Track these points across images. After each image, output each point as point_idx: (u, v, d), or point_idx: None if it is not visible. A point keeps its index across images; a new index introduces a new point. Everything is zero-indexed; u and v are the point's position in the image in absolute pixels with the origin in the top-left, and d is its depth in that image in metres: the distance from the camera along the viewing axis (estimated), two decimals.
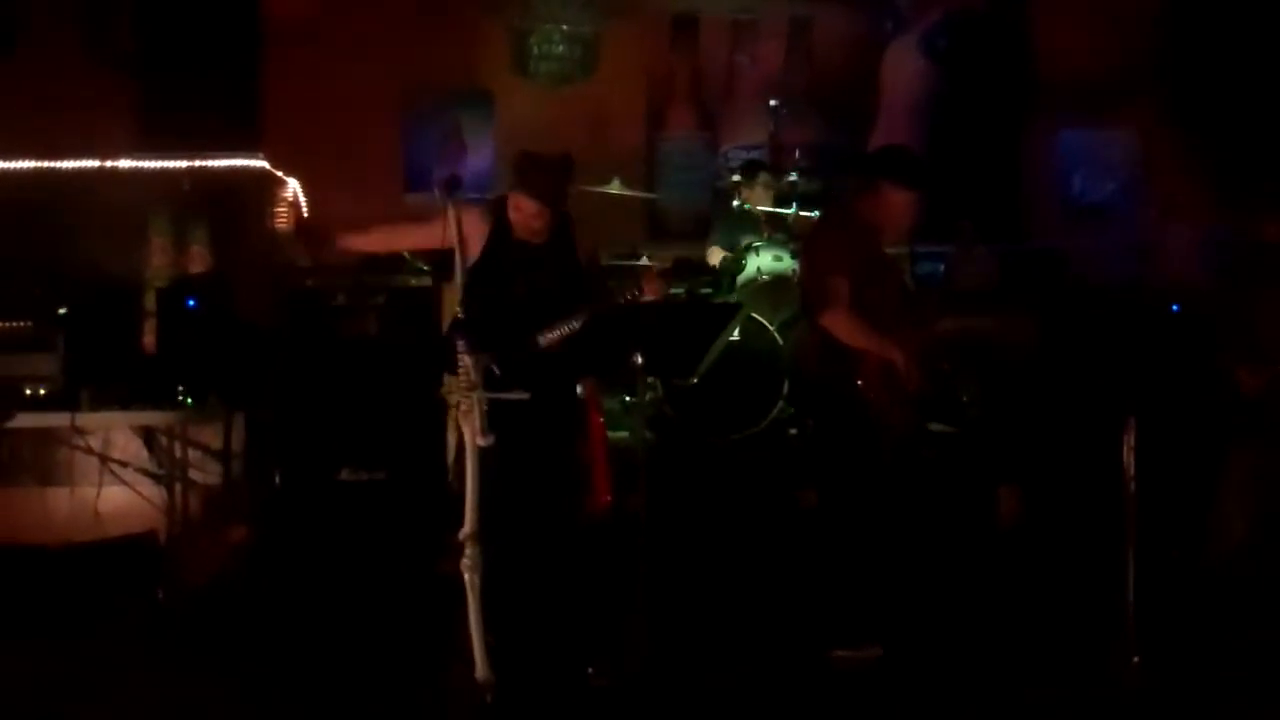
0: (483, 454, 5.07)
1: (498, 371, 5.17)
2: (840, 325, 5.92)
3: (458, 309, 5.20)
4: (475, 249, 5.48)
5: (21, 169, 9.11)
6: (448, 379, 5.23)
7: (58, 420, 6.95)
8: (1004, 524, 7.40)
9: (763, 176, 8.97)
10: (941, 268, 10.15)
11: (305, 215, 5.85)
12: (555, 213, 5.54)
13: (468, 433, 5.10)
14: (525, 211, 5.51)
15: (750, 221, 8.86)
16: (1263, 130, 9.52)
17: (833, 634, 5.91)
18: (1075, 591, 6.54)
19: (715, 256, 9.01)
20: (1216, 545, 6.47)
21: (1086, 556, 6.62)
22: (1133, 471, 5.70)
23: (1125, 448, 5.67)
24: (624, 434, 7.30)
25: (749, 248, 8.59)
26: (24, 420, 6.99)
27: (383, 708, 5.49)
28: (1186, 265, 9.58)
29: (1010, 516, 7.43)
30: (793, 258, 8.53)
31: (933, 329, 6.42)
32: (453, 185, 5.37)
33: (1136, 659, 5.61)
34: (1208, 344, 6.60)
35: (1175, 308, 7.87)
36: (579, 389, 5.91)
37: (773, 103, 9.74)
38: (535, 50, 10.84)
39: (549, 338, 5.45)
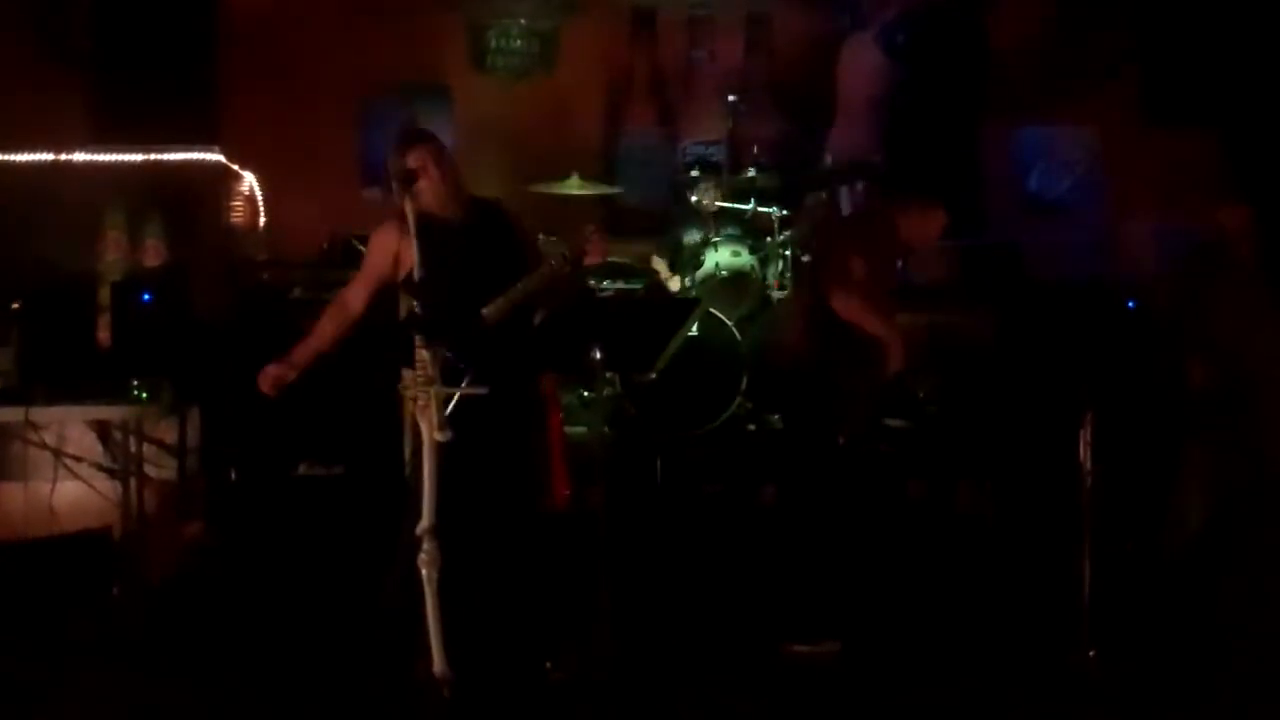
0: (440, 449, 5.05)
1: (445, 354, 5.09)
2: (852, 302, 6.14)
3: (413, 304, 5.17)
4: (408, 258, 5.31)
5: None
6: (405, 373, 5.20)
7: (12, 415, 6.87)
8: (962, 518, 7.43)
9: (707, 173, 9.01)
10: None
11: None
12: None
13: (425, 428, 5.08)
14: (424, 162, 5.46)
15: (710, 217, 8.86)
16: (1219, 126, 9.56)
17: (791, 629, 5.93)
18: (1032, 585, 6.57)
19: (661, 267, 9.07)
20: (1172, 538, 6.50)
21: (1044, 550, 6.66)
22: (1090, 466, 5.74)
23: (1082, 442, 5.70)
24: (582, 429, 7.30)
25: (707, 243, 8.60)
26: None
27: (341, 703, 5.47)
28: (1143, 261, 9.62)
29: (968, 511, 7.46)
30: (751, 253, 8.55)
31: None
32: (409, 179, 5.35)
33: (1092, 652, 5.65)
34: (1163, 338, 6.63)
35: (1131, 303, 7.89)
36: (537, 384, 5.90)
37: (731, 98, 9.72)
38: (493, 44, 10.79)
39: (493, 310, 5.31)
